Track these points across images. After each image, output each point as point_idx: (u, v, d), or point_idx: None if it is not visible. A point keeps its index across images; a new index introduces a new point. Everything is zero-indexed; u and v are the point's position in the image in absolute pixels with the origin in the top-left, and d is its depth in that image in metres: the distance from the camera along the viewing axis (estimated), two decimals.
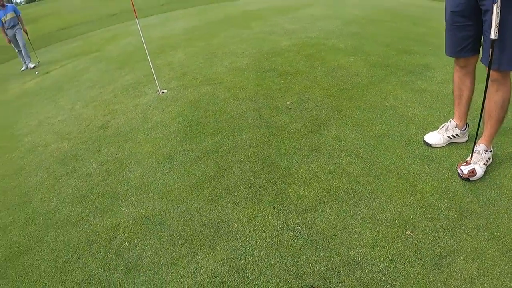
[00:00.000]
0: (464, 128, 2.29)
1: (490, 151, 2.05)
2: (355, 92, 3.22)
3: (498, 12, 1.63)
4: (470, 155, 2.02)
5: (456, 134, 2.28)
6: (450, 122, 2.30)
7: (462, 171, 1.97)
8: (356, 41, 4.80)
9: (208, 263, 1.70)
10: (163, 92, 4.19)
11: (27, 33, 9.07)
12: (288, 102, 3.21)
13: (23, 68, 9.02)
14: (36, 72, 7.96)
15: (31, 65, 8.85)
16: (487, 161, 2.03)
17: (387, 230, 1.69)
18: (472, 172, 1.95)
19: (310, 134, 2.64)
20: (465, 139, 2.33)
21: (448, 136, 2.30)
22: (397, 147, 2.32)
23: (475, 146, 2.02)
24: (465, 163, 2.00)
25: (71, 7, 33.28)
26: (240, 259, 1.67)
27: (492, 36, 1.68)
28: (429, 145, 2.31)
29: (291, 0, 10.68)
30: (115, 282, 1.73)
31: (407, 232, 1.66)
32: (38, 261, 2.01)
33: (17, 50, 9.05)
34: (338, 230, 1.72)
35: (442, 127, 2.34)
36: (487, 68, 1.78)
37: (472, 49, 2.00)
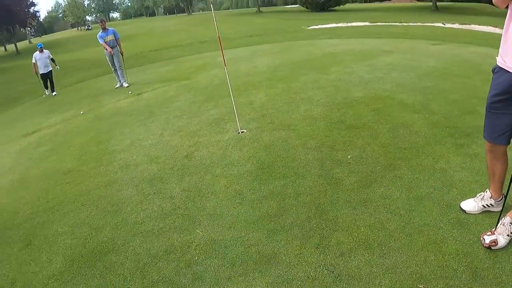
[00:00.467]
0: (499, 199, 2.55)
1: None
2: (410, 152, 3.57)
3: None
4: (495, 226, 2.31)
5: (491, 204, 2.56)
6: (486, 192, 2.59)
7: (484, 240, 2.26)
8: (425, 97, 5.08)
9: (256, 283, 2.22)
10: (242, 132, 4.84)
11: (122, 55, 10.52)
12: (349, 157, 3.66)
13: (117, 86, 10.48)
14: (129, 92, 9.21)
15: (125, 84, 10.29)
16: None
17: (403, 281, 2.06)
18: (494, 242, 2.24)
19: (361, 189, 3.06)
20: (500, 208, 2.58)
21: (483, 205, 2.58)
22: (434, 209, 2.66)
23: (501, 219, 2.31)
24: (489, 233, 2.29)
25: (165, 28, 36.67)
26: (282, 284, 2.17)
27: None
28: (464, 211, 2.61)
29: (372, 43, 11.08)
30: (183, 286, 2.31)
31: (419, 286, 2.03)
32: (123, 259, 2.68)
33: (113, 69, 10.57)
34: (364, 275, 2.14)
35: (479, 195, 2.62)
36: None
37: (505, 139, 2.27)
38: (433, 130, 3.99)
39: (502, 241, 2.25)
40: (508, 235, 2.27)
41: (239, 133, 4.81)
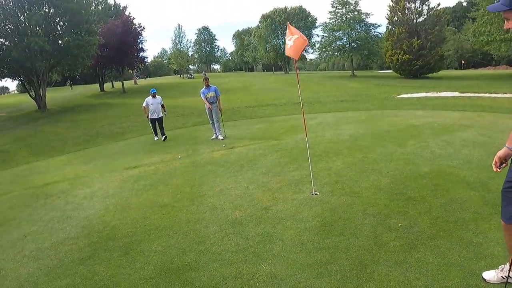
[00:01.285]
0: None
1: None
2: (454, 226, 4.06)
3: None
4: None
5: (510, 276, 3.00)
6: (506, 265, 3.04)
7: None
8: (487, 175, 5.43)
9: None
10: (316, 194, 5.62)
11: (221, 111, 11.75)
12: (399, 225, 4.26)
13: (212, 137, 11.64)
14: (223, 145, 10.36)
15: (220, 137, 11.41)
16: None
17: None
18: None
19: (400, 252, 3.67)
20: None
21: (502, 276, 3.01)
22: (459, 276, 3.16)
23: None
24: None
25: (261, 85, 38.82)
26: None
27: None
28: (484, 280, 3.08)
29: (454, 117, 11.28)
30: None
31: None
32: (201, 276, 3.64)
33: (210, 122, 11.76)
34: None
35: (500, 267, 3.06)
36: None
37: None
38: (483, 207, 4.41)
39: None
40: None
41: (312, 195, 5.60)
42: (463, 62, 63.93)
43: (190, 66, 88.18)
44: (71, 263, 4.30)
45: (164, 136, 12.60)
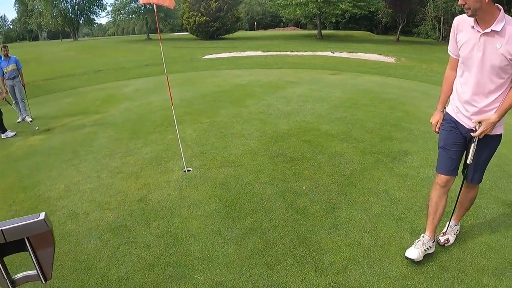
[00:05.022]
0: (434, 240, 2.88)
1: (459, 225, 3.10)
2: (353, 178, 4.23)
3: (474, 148, 2.55)
4: (446, 228, 3.01)
5: (430, 247, 2.84)
6: (423, 237, 2.86)
7: (440, 240, 2.98)
8: (345, 127, 5.92)
9: None
10: (188, 171, 4.88)
11: (24, 87, 9.46)
12: (304, 187, 4.15)
13: (18, 120, 9.05)
14: (36, 128, 8.06)
15: (28, 119, 8.87)
16: (457, 232, 3.07)
17: (395, 283, 2.61)
18: (447, 240, 2.99)
19: (327, 215, 3.57)
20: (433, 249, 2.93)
21: (425, 249, 2.81)
22: (392, 224, 3.29)
23: (449, 223, 3.01)
24: (442, 234, 3.02)
25: (53, 54, 33.52)
26: None
27: (468, 162, 2.62)
28: (412, 260, 2.75)
29: (275, 74, 12.08)
30: None
31: (408, 283, 2.58)
32: None
33: (14, 102, 9.24)
34: (364, 285, 2.63)
35: (418, 241, 2.85)
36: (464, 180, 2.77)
37: (456, 170, 2.78)
38: (364, 157, 4.76)
39: (451, 239, 3.02)
40: (454, 234, 3.06)
41: (185, 171, 4.86)
42: (255, 23, 70.23)
43: None
44: None
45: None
